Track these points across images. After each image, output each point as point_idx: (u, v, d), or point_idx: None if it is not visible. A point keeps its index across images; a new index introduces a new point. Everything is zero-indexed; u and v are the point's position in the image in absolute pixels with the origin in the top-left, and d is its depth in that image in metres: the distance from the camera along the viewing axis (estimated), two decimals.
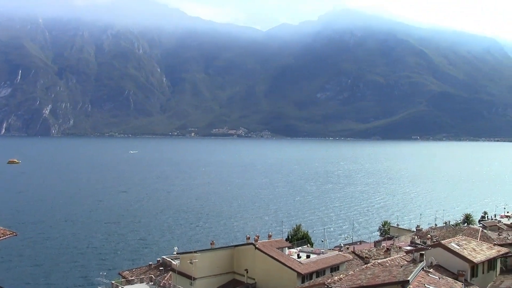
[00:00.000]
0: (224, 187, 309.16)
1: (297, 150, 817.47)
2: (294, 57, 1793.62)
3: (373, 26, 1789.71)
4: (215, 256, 72.95)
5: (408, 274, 41.85)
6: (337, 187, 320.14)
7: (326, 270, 69.47)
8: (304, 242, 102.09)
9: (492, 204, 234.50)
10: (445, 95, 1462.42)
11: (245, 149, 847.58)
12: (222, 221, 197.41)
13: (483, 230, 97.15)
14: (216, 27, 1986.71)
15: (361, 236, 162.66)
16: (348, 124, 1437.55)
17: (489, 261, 58.35)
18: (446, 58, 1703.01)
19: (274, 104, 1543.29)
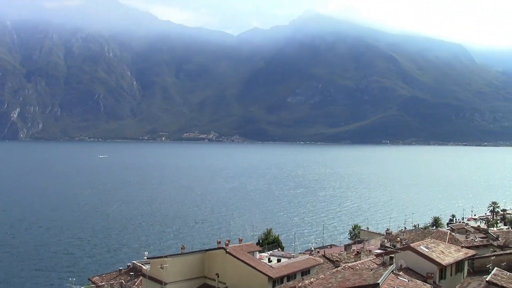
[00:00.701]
0: (195, 191, 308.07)
1: (268, 154, 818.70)
2: (265, 62, 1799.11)
3: (343, 31, 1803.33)
4: (186, 260, 72.45)
5: (378, 277, 42.04)
6: (308, 191, 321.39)
7: (297, 274, 69.51)
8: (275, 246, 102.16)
9: (460, 207, 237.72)
10: (414, 100, 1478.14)
11: (216, 153, 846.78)
12: (193, 226, 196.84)
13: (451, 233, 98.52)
14: (187, 31, 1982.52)
15: (332, 240, 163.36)
16: (319, 129, 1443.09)
17: (457, 263, 59.02)
18: (415, 63, 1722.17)
19: (245, 108, 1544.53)
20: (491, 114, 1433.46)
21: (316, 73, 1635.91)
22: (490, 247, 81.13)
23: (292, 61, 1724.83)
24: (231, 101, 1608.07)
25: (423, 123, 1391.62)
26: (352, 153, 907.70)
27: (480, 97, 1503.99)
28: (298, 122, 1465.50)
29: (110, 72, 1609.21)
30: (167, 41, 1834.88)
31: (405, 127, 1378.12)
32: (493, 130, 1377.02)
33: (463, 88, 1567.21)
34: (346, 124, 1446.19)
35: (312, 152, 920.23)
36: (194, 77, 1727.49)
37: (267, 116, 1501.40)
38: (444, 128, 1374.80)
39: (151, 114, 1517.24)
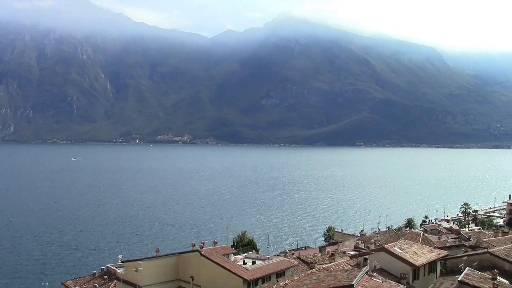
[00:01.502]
0: (169, 194, 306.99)
1: (243, 157, 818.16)
2: (240, 64, 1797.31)
3: (317, 34, 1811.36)
4: (160, 263, 72.11)
5: (353, 278, 42.29)
6: (283, 193, 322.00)
7: (271, 275, 69.63)
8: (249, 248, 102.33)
9: (432, 209, 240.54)
10: (388, 102, 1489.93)
11: (190, 156, 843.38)
12: (167, 228, 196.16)
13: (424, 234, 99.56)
14: (162, 33, 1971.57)
15: (306, 242, 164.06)
16: (293, 131, 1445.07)
17: (429, 264, 59.69)
18: (389, 66, 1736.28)
19: (219, 110, 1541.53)
20: (462, 116, 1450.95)
21: (291, 76, 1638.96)
22: (462, 248, 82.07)
23: (266, 63, 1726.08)
24: (205, 103, 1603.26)
25: (396, 125, 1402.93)
26: (326, 155, 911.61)
27: (452, 100, 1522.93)
28: (272, 125, 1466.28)
29: (83, 74, 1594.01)
30: (141, 43, 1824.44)
31: (379, 129, 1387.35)
32: (465, 132, 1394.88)
33: (435, 90, 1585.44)
34: (320, 126, 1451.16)
35: (287, 155, 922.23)
36: (168, 79, 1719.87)
37: (242, 118, 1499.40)
38: (417, 130, 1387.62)
39: (124, 117, 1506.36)
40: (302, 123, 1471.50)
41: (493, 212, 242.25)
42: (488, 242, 78.56)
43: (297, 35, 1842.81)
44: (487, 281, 46.93)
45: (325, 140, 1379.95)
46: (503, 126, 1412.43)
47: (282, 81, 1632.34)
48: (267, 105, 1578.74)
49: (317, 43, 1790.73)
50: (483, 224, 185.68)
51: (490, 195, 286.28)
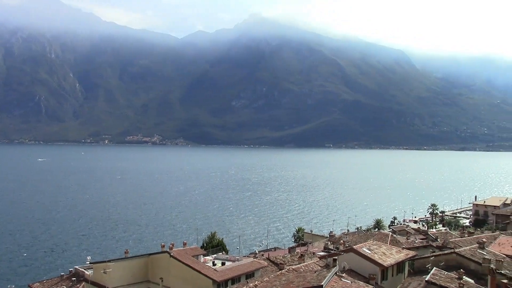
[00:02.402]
0: (139, 195, 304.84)
1: (213, 158, 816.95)
2: (210, 65, 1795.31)
3: (288, 35, 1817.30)
4: (130, 265, 71.72)
5: (322, 279, 42.59)
6: (253, 194, 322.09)
7: (241, 277, 69.70)
8: (219, 250, 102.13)
9: (401, 210, 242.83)
10: (357, 104, 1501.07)
11: (160, 156, 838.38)
12: (136, 230, 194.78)
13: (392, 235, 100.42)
14: (132, 32, 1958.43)
15: (276, 243, 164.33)
16: (263, 132, 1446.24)
17: (398, 264, 60.30)
18: (358, 68, 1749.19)
19: (189, 111, 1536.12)
20: (430, 118, 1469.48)
21: (261, 77, 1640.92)
22: (429, 248, 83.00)
23: (236, 64, 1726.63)
24: (175, 104, 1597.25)
25: (366, 127, 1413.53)
26: (296, 156, 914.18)
27: (420, 102, 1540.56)
28: (242, 126, 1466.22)
29: (52, 74, 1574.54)
30: (111, 42, 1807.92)
31: (348, 131, 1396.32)
32: (433, 134, 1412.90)
33: (404, 93, 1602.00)
34: (290, 127, 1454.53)
35: (257, 156, 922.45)
36: (138, 79, 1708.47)
37: (212, 119, 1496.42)
38: (385, 132, 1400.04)
39: (94, 117, 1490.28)
40: (272, 125, 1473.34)
41: (460, 213, 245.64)
42: (454, 242, 79.60)
43: (267, 37, 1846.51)
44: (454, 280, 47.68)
45: (294, 142, 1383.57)
46: (469, 128, 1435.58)
47: (252, 83, 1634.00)
48: (237, 106, 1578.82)
49: (288, 45, 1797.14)
50: (450, 225, 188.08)
51: (457, 197, 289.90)
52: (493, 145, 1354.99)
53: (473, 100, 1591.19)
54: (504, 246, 74.73)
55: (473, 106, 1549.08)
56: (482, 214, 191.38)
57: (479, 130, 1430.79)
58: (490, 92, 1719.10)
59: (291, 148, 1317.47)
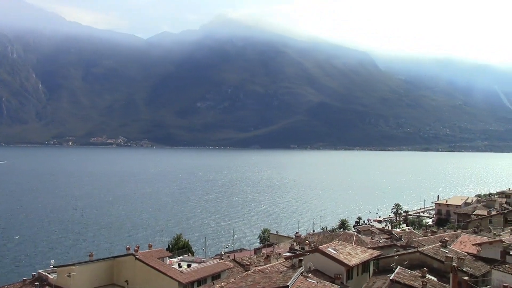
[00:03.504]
0: (104, 197, 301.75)
1: (179, 159, 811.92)
2: (175, 66, 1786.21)
3: (253, 37, 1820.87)
4: (94, 268, 71.01)
5: (288, 279, 42.84)
6: (219, 196, 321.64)
7: (207, 278, 69.68)
8: (185, 251, 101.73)
9: (365, 210, 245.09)
10: (322, 105, 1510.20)
11: (125, 158, 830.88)
12: (101, 232, 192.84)
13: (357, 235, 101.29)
14: (96, 33, 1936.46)
15: (242, 244, 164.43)
16: (228, 133, 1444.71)
17: (363, 264, 60.95)
18: (323, 70, 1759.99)
19: (155, 112, 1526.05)
20: (394, 120, 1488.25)
21: (226, 78, 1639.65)
22: (393, 247, 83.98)
23: (202, 65, 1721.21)
24: (140, 105, 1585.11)
25: (331, 128, 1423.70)
26: (261, 157, 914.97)
27: (384, 104, 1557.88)
28: (207, 127, 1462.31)
29: (13, 74, 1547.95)
30: (75, 43, 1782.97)
31: (313, 132, 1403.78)
32: (396, 135, 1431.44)
33: (368, 94, 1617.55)
34: (255, 129, 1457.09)
35: (223, 157, 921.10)
36: (102, 80, 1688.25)
37: (177, 120, 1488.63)
38: (350, 133, 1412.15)
39: (57, 118, 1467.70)
40: (237, 126, 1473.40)
41: (423, 212, 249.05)
42: (418, 241, 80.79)
43: (233, 38, 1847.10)
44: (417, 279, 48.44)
45: (260, 143, 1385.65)
46: (432, 129, 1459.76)
47: (217, 84, 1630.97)
48: (203, 107, 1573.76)
49: (253, 46, 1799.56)
50: (414, 224, 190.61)
51: (420, 196, 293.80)
52: (455, 145, 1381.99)
53: (435, 102, 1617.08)
54: (465, 244, 76.17)
55: (435, 107, 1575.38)
56: (445, 213, 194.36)
57: (442, 131, 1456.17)
58: (452, 94, 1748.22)
59: (257, 149, 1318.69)
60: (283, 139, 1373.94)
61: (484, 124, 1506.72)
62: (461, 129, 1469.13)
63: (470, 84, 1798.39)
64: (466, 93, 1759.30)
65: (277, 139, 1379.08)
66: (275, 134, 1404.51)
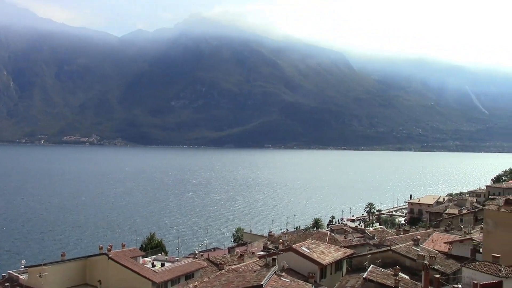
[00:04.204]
0: (76, 196, 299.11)
1: (153, 158, 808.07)
2: (149, 64, 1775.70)
3: (228, 36, 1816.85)
4: (67, 268, 70.43)
5: (261, 278, 42.88)
6: (193, 195, 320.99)
7: (181, 278, 69.57)
8: (158, 251, 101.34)
9: (339, 209, 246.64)
10: (296, 105, 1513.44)
11: (98, 157, 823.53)
12: (74, 232, 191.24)
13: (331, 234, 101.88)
14: (70, 30, 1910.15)
15: (216, 243, 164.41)
16: (202, 132, 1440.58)
17: (336, 263, 61.32)
18: (298, 69, 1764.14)
19: (128, 111, 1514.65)
20: (368, 119, 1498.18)
21: (200, 77, 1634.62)
22: (366, 246, 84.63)
23: (176, 64, 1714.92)
24: (113, 103, 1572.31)
25: (305, 127, 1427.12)
26: (236, 157, 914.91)
27: (358, 104, 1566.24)
28: (181, 126, 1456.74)
29: None
30: (48, 40, 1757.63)
31: (287, 131, 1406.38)
32: (370, 135, 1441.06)
33: (342, 94, 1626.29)
34: (230, 128, 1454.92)
35: (197, 156, 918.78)
36: (76, 78, 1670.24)
37: (151, 119, 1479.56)
38: (324, 132, 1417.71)
39: (29, 116, 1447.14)
40: (211, 125, 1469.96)
41: (396, 211, 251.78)
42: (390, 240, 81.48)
43: (207, 37, 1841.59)
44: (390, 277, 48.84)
45: (234, 142, 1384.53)
46: (405, 129, 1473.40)
47: (191, 82, 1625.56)
48: (177, 106, 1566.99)
49: (228, 45, 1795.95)
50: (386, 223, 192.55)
51: (393, 195, 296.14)
52: (427, 145, 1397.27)
53: (408, 102, 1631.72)
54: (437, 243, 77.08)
55: (408, 107, 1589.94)
56: (417, 212, 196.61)
57: (414, 131, 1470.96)
58: (425, 94, 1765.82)
59: (231, 148, 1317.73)
60: (257, 138, 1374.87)
61: (455, 125, 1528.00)
62: (434, 129, 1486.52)
63: (442, 84, 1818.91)
64: (439, 93, 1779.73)
65: (251, 138, 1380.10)
66: (249, 133, 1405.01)
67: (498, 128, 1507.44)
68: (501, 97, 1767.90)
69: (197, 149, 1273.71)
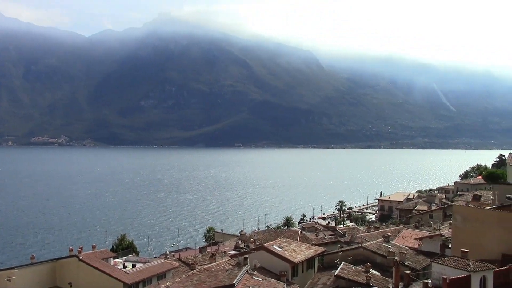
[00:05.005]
0: (46, 198, 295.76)
1: (123, 159, 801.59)
2: (119, 64, 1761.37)
3: (197, 35, 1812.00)
4: (36, 270, 69.44)
5: (233, 278, 42.99)
6: (165, 195, 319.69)
7: (152, 278, 69.22)
8: (129, 252, 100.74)
9: (310, 207, 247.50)
10: (266, 103, 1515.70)
11: (68, 158, 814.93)
12: (43, 234, 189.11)
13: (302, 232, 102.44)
14: (37, 30, 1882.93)
15: (187, 243, 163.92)
16: (173, 132, 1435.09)
17: (308, 261, 61.70)
18: (267, 68, 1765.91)
19: (98, 111, 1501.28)
20: (337, 118, 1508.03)
21: (170, 77, 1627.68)
22: (338, 244, 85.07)
23: (145, 64, 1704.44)
24: (82, 104, 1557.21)
25: (275, 126, 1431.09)
26: (206, 156, 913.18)
27: (328, 102, 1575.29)
28: (151, 126, 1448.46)
29: None
30: (14, 40, 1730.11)
31: (257, 130, 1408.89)
32: (340, 133, 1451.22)
33: (312, 93, 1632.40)
34: (200, 127, 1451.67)
35: (167, 156, 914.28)
36: (44, 78, 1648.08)
37: (120, 119, 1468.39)
38: (294, 131, 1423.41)
39: None
40: (181, 125, 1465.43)
41: (366, 208, 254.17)
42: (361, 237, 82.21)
43: (176, 36, 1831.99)
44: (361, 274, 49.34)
45: (204, 142, 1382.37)
46: (374, 127, 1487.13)
47: (161, 82, 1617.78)
48: (146, 106, 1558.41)
49: (197, 45, 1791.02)
50: (357, 221, 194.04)
51: (363, 193, 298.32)
52: (396, 142, 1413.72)
53: (377, 100, 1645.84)
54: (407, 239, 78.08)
55: (377, 105, 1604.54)
56: (387, 209, 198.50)
57: (384, 129, 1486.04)
58: (393, 92, 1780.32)
59: (201, 148, 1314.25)
60: (227, 138, 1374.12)
61: (424, 122, 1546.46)
62: (402, 126, 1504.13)
63: (410, 82, 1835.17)
64: (407, 91, 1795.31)
65: (221, 137, 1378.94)
66: (219, 133, 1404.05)
67: (465, 125, 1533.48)
68: (468, 94, 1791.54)
69: (168, 149, 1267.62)
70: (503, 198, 50.50)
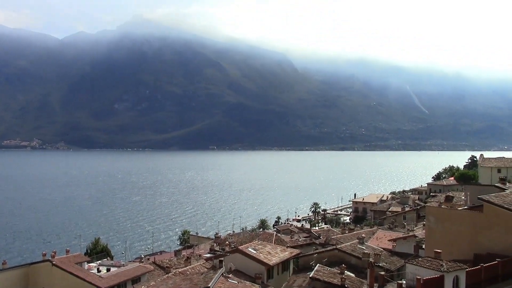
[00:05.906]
0: (18, 202, 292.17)
1: (97, 162, 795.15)
2: (92, 66, 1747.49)
3: (171, 37, 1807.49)
4: (8, 276, 68.51)
5: (209, 281, 42.95)
6: (140, 199, 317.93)
7: (127, 282, 68.81)
8: (103, 256, 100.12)
9: (284, 209, 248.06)
10: (240, 106, 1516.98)
11: (41, 161, 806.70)
12: (15, 239, 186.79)
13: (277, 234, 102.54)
14: (7, 31, 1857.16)
15: (162, 246, 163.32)
16: (146, 135, 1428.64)
17: (283, 263, 61.84)
18: (241, 70, 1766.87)
19: (71, 114, 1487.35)
20: (311, 120, 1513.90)
21: (144, 79, 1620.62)
22: (312, 246, 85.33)
23: (119, 66, 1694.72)
24: (55, 106, 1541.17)
25: (249, 128, 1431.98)
26: (181, 159, 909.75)
27: (302, 104, 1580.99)
28: (125, 129, 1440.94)
29: None
30: None
31: (231, 132, 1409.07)
32: (314, 135, 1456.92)
33: (286, 95, 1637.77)
34: (174, 130, 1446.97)
35: (142, 159, 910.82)
36: (15, 81, 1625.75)
37: (94, 122, 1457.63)
38: (268, 133, 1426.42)
39: None
40: (155, 127, 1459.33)
41: (341, 210, 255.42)
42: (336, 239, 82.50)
43: (150, 39, 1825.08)
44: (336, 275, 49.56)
45: (178, 144, 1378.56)
46: (348, 129, 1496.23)
47: (135, 85, 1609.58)
48: (120, 109, 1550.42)
49: (171, 47, 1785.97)
50: (332, 222, 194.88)
51: (338, 195, 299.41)
52: (370, 144, 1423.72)
53: (351, 102, 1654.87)
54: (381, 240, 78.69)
55: (351, 107, 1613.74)
56: (361, 211, 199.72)
57: (358, 131, 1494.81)
58: (367, 94, 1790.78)
59: (176, 150, 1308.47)
60: (202, 140, 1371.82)
61: (397, 124, 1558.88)
62: (376, 128, 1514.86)
63: (384, 84, 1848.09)
64: (381, 93, 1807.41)
65: (196, 140, 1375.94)
66: (193, 135, 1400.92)
67: (437, 126, 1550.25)
68: (440, 96, 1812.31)
69: (142, 152, 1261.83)
70: (475, 198, 51.03)
